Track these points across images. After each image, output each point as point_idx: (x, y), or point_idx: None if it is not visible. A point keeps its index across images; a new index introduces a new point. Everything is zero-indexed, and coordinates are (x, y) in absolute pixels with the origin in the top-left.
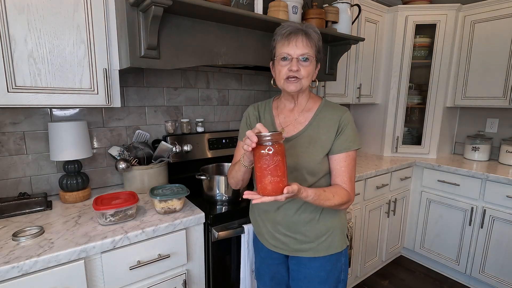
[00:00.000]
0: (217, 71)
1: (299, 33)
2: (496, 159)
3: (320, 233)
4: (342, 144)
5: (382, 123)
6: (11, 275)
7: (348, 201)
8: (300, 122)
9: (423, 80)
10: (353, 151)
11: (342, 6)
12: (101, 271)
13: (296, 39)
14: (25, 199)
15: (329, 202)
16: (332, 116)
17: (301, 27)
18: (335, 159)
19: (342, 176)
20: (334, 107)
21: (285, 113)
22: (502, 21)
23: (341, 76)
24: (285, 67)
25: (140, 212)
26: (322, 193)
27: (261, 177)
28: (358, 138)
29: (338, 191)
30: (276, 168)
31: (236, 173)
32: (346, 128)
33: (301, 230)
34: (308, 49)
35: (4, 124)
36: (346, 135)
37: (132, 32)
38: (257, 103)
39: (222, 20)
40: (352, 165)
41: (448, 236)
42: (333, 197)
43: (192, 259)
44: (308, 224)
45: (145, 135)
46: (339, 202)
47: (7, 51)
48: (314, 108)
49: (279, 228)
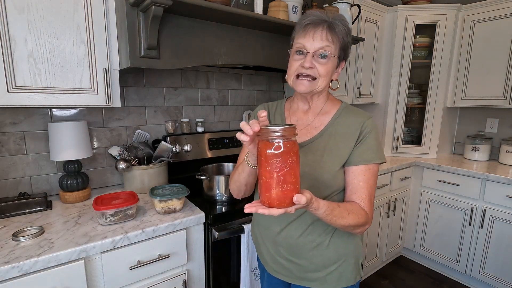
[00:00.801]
0: (217, 71)
1: (320, 24)
2: (496, 159)
3: (329, 261)
4: (362, 154)
5: (382, 123)
6: (11, 275)
7: (365, 224)
8: (315, 127)
9: (423, 80)
10: (374, 165)
11: (342, 6)
12: (101, 271)
13: (314, 31)
14: (25, 199)
15: (342, 221)
16: (353, 122)
17: (326, 18)
18: (352, 172)
19: (359, 192)
20: (355, 112)
21: (298, 115)
22: (502, 21)
23: (341, 76)
24: (297, 61)
25: (140, 212)
26: (336, 207)
27: (268, 184)
28: (381, 151)
29: (355, 210)
30: (290, 173)
31: (239, 175)
32: (368, 136)
33: (307, 256)
34: (328, 43)
35: (4, 124)
36: (368, 145)
37: (132, 32)
38: (268, 103)
39: (222, 20)
40: (373, 181)
41: (448, 236)
42: (347, 215)
43: (192, 259)
44: (315, 249)
45: (145, 135)
46: (354, 223)
47: (7, 51)
48: (332, 112)
49: (280, 250)
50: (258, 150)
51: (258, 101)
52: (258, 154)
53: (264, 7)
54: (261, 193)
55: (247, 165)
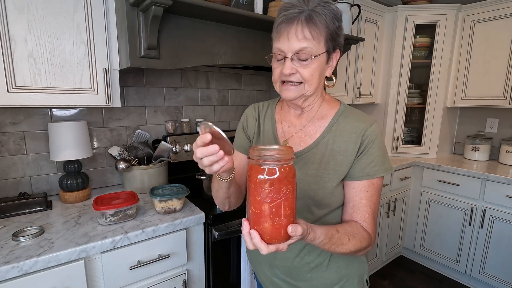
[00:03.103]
0: (217, 71)
1: (295, 19)
2: (496, 159)
3: (330, 282)
4: (364, 168)
5: (382, 123)
6: (11, 275)
7: (367, 247)
8: (310, 134)
9: (423, 80)
10: (378, 179)
11: (342, 6)
12: (101, 271)
13: (288, 30)
14: (25, 199)
15: (342, 248)
16: (353, 128)
17: (303, 7)
18: (353, 188)
19: (362, 211)
20: (356, 116)
21: (290, 119)
22: (502, 21)
23: (341, 76)
24: (278, 68)
25: (140, 212)
26: (335, 234)
27: (257, 216)
28: (387, 161)
29: (356, 233)
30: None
31: (217, 192)
32: (371, 146)
33: (306, 278)
34: (306, 43)
35: (4, 124)
36: (371, 157)
37: (132, 32)
38: (258, 103)
39: (222, 20)
40: (376, 197)
41: (448, 236)
42: (348, 241)
43: (192, 259)
44: (314, 270)
45: (145, 135)
46: (356, 248)
47: (7, 51)
48: (329, 116)
49: (277, 272)
50: (247, 175)
51: (258, 101)
52: (247, 180)
53: (264, 7)
54: (250, 224)
55: (222, 180)
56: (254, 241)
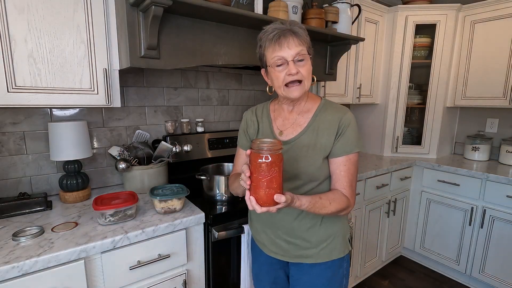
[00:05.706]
0: (217, 71)
1: (288, 33)
2: (496, 159)
3: (322, 238)
4: (342, 147)
5: (382, 123)
6: (11, 275)
7: (346, 208)
8: (299, 124)
9: (423, 80)
10: (353, 154)
11: (342, 6)
12: (101, 271)
13: (287, 41)
14: (25, 199)
15: (325, 210)
16: (332, 117)
17: (287, 27)
18: (334, 163)
19: (341, 181)
20: (334, 107)
21: (283, 116)
22: (502, 21)
23: (341, 76)
24: (282, 72)
25: (140, 212)
26: (318, 200)
27: (256, 187)
28: (359, 140)
29: (336, 198)
30: (272, 180)
31: (237, 189)
32: (346, 130)
33: (303, 236)
34: (301, 47)
35: (4, 124)
36: (346, 138)
37: (132, 32)
38: (254, 107)
39: (222, 20)
40: (353, 170)
41: (448, 236)
42: (329, 205)
43: (192, 259)
44: (309, 230)
45: (145, 135)
46: (336, 209)
47: (7, 51)
48: (313, 109)
49: (279, 233)
50: (250, 159)
51: (258, 101)
52: (250, 163)
53: (264, 7)
54: (250, 192)
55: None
56: (252, 203)
